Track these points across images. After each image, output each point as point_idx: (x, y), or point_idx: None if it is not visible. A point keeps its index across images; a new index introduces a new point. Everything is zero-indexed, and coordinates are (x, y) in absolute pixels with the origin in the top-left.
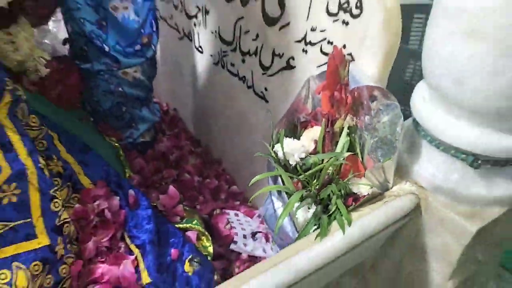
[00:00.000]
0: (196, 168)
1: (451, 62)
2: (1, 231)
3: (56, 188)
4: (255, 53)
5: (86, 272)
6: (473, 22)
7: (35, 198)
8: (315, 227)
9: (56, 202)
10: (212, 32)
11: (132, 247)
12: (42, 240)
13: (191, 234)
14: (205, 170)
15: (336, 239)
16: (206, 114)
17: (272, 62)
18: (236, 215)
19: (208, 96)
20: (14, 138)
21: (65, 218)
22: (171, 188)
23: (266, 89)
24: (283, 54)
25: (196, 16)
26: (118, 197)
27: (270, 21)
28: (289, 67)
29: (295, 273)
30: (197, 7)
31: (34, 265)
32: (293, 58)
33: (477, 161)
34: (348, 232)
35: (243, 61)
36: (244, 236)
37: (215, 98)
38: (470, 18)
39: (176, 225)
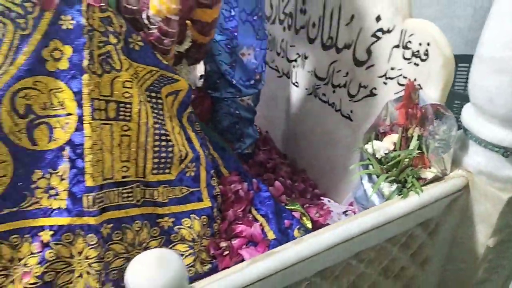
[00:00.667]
0: (287, 174)
1: (486, 88)
2: (186, 193)
3: (213, 170)
4: (344, 86)
5: (229, 229)
6: (500, 64)
7: (203, 174)
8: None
9: (214, 179)
10: (308, 72)
11: (258, 216)
12: (207, 203)
13: (295, 214)
14: (294, 177)
15: (413, 199)
16: (295, 134)
17: (358, 91)
18: (329, 201)
19: (299, 119)
20: (192, 135)
21: (218, 191)
22: (277, 183)
23: (351, 111)
24: (367, 85)
25: (295, 60)
26: (246, 183)
27: (359, 63)
28: (372, 95)
29: (385, 216)
30: (298, 54)
31: (203, 218)
32: (375, 88)
33: (507, 152)
34: (421, 195)
35: (334, 91)
36: (338, 214)
37: (305, 121)
38: (497, 62)
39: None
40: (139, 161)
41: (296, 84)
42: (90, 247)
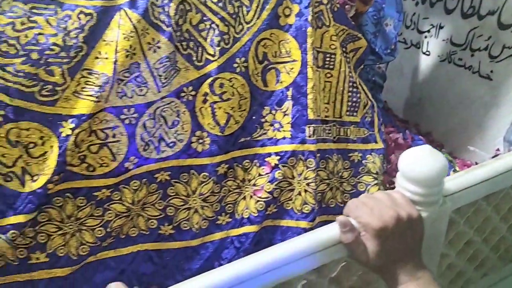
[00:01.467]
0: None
1: None
2: (367, 134)
3: (381, 119)
4: (485, 48)
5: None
6: None
7: (376, 121)
8: None
9: (382, 125)
10: (443, 40)
11: None
12: (380, 145)
13: None
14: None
15: None
16: (419, 99)
17: (502, 52)
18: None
19: (427, 85)
20: (364, 87)
21: (384, 137)
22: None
23: (491, 71)
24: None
25: (428, 31)
26: (401, 133)
27: (504, 27)
28: None
29: None
30: (431, 25)
31: (380, 156)
32: None
33: None
34: None
35: (472, 55)
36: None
37: (434, 86)
38: None
39: None
40: (337, 104)
41: (427, 53)
42: (309, 169)
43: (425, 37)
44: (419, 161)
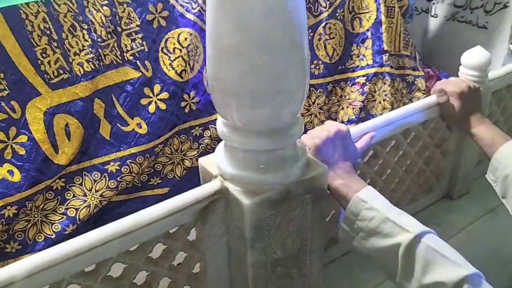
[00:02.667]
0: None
1: None
2: (414, 65)
3: None
4: (481, 6)
5: None
6: None
7: (417, 57)
8: None
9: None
10: (448, 4)
11: None
12: (422, 73)
13: None
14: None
15: None
16: (430, 52)
17: (493, 7)
18: None
19: (436, 40)
20: None
21: None
22: None
23: (487, 22)
24: (501, 1)
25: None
26: (430, 68)
27: None
28: (504, 7)
29: None
30: None
31: (423, 80)
32: (508, 2)
33: None
34: None
35: (471, 12)
36: None
37: (441, 40)
38: None
39: None
40: (396, 42)
41: (434, 15)
42: (385, 84)
43: (433, 3)
44: (477, 52)
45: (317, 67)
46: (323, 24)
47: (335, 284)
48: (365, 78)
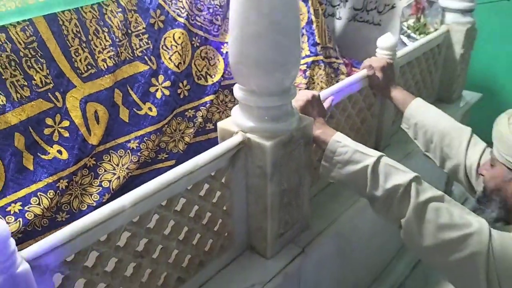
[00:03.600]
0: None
1: None
2: (336, 54)
3: None
4: (374, 8)
5: None
6: None
7: (337, 48)
8: None
9: None
10: (348, 8)
11: None
12: (341, 61)
13: None
14: None
15: None
16: (338, 46)
17: (384, 8)
18: None
19: (343, 36)
20: None
21: None
22: None
23: (380, 20)
24: (390, 3)
25: (339, 5)
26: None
27: None
28: (392, 7)
29: None
30: (341, 1)
31: (344, 66)
32: (395, 3)
33: None
34: None
35: (368, 13)
36: None
37: (346, 36)
38: None
39: None
40: (323, 37)
41: (339, 18)
42: (320, 69)
43: (337, 8)
44: (388, 38)
45: None
46: None
47: (319, 210)
48: (305, 65)
